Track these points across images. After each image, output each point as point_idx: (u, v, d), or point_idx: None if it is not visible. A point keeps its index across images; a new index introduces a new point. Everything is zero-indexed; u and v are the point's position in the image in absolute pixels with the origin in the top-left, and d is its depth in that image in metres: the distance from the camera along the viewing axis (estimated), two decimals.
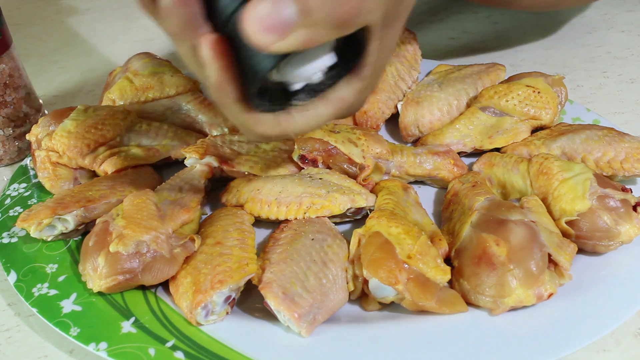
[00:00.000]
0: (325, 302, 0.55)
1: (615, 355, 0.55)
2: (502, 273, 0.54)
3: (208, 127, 0.82)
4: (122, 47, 1.19)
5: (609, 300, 0.56)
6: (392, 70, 0.85)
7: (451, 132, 0.78)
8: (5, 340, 0.60)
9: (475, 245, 0.57)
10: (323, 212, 0.65)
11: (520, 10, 1.25)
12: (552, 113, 0.76)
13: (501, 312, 0.55)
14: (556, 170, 0.65)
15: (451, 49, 1.13)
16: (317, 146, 0.71)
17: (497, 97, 0.77)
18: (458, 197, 0.68)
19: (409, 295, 0.55)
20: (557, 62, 1.06)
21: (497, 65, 0.87)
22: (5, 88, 0.80)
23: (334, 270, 0.58)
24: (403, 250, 0.56)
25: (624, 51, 1.09)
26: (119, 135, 0.75)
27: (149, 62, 0.85)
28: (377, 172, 0.72)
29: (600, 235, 0.60)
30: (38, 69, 1.09)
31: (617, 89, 0.97)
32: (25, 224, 0.63)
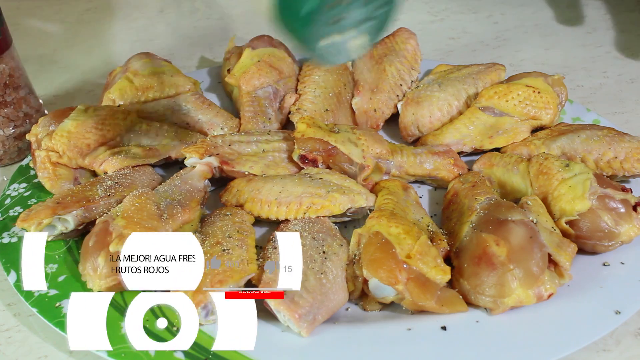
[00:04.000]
0: (325, 302, 0.55)
1: (615, 355, 0.55)
2: (502, 273, 0.54)
3: (208, 127, 0.82)
4: (122, 47, 1.19)
5: (609, 300, 0.56)
6: (392, 70, 0.85)
7: (451, 132, 0.78)
8: (5, 340, 0.60)
9: (475, 245, 0.57)
10: (323, 212, 0.65)
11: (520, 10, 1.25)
12: (552, 113, 0.76)
13: (501, 312, 0.55)
14: (556, 170, 0.65)
15: (451, 49, 1.13)
16: (317, 146, 0.71)
17: (497, 97, 0.77)
18: (458, 197, 0.68)
19: (409, 295, 0.55)
20: (557, 62, 1.06)
21: (497, 65, 0.87)
22: (5, 88, 0.80)
23: (334, 270, 0.58)
24: (403, 250, 0.56)
25: (624, 51, 1.09)
26: (119, 135, 0.75)
27: (149, 62, 0.85)
28: (377, 172, 0.72)
29: (601, 235, 0.60)
30: (38, 69, 1.09)
31: (617, 89, 0.97)
32: (25, 224, 0.63)
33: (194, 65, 1.11)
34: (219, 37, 1.21)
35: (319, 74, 0.85)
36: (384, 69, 0.85)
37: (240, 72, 0.85)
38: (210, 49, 1.17)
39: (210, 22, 1.29)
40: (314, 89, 0.83)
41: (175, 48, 1.18)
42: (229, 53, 0.94)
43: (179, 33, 1.24)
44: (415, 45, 0.90)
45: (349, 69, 0.90)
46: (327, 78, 0.84)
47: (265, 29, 0.87)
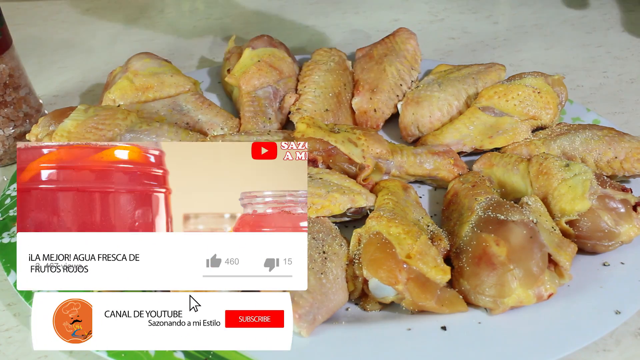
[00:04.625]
0: (325, 302, 0.55)
1: (615, 355, 0.56)
2: (502, 273, 0.54)
3: (208, 127, 0.82)
4: (122, 47, 1.19)
5: (609, 300, 0.56)
6: (392, 70, 0.85)
7: (451, 132, 0.78)
8: (5, 340, 0.60)
9: (475, 245, 0.57)
10: (323, 212, 0.65)
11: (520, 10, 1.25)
12: (552, 113, 0.77)
13: (501, 312, 0.55)
14: (556, 170, 0.65)
15: (451, 49, 1.13)
16: (317, 146, 0.71)
17: (497, 97, 0.77)
18: (458, 197, 0.68)
19: (409, 295, 0.55)
20: (557, 62, 1.07)
21: (497, 65, 0.87)
22: (5, 88, 0.80)
23: (334, 271, 0.58)
24: (403, 250, 0.56)
25: (624, 51, 1.09)
26: (119, 135, 0.75)
27: (149, 62, 0.85)
28: (377, 172, 0.72)
29: (601, 235, 0.60)
30: (38, 69, 1.09)
31: (617, 89, 0.97)
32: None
33: (194, 65, 1.11)
34: (219, 37, 1.21)
35: (319, 74, 0.85)
36: (384, 69, 0.85)
37: (240, 72, 0.85)
38: (210, 49, 1.17)
39: (210, 22, 1.29)
40: (314, 89, 0.83)
41: (175, 48, 1.18)
42: (229, 53, 0.94)
43: (179, 33, 1.24)
44: (415, 45, 0.90)
45: (349, 69, 0.90)
46: (327, 78, 0.85)
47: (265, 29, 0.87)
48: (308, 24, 1.25)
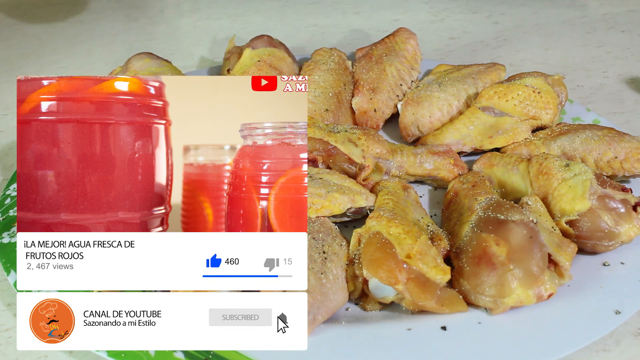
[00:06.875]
0: (325, 302, 0.55)
1: (615, 355, 0.55)
2: (502, 273, 0.54)
3: None
4: (122, 47, 1.19)
5: (609, 300, 0.56)
6: (392, 70, 0.85)
7: (451, 132, 0.78)
8: (6, 340, 0.59)
9: (475, 245, 0.57)
10: (323, 212, 0.65)
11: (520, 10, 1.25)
12: (552, 113, 0.77)
13: (501, 312, 0.55)
14: (556, 170, 0.65)
15: (451, 49, 1.13)
16: (317, 146, 0.71)
17: (497, 97, 0.77)
18: (458, 197, 0.68)
19: (409, 295, 0.55)
20: (557, 62, 1.07)
21: (497, 65, 0.87)
22: None
23: (334, 271, 0.58)
24: (403, 250, 0.56)
25: (624, 51, 1.09)
26: None
27: (149, 62, 0.86)
28: (377, 172, 0.72)
29: (601, 235, 0.60)
30: (38, 69, 1.09)
31: (617, 89, 0.97)
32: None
33: (194, 65, 1.11)
34: (219, 37, 1.21)
35: (319, 74, 0.85)
36: (384, 69, 0.85)
37: (240, 72, 0.85)
38: (210, 49, 1.17)
39: (210, 22, 1.29)
40: (314, 89, 0.83)
41: (175, 48, 1.18)
42: (229, 53, 0.94)
43: (179, 33, 1.24)
44: (415, 45, 0.90)
45: (349, 69, 0.90)
46: (327, 78, 0.85)
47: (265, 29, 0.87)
48: (308, 24, 1.25)
